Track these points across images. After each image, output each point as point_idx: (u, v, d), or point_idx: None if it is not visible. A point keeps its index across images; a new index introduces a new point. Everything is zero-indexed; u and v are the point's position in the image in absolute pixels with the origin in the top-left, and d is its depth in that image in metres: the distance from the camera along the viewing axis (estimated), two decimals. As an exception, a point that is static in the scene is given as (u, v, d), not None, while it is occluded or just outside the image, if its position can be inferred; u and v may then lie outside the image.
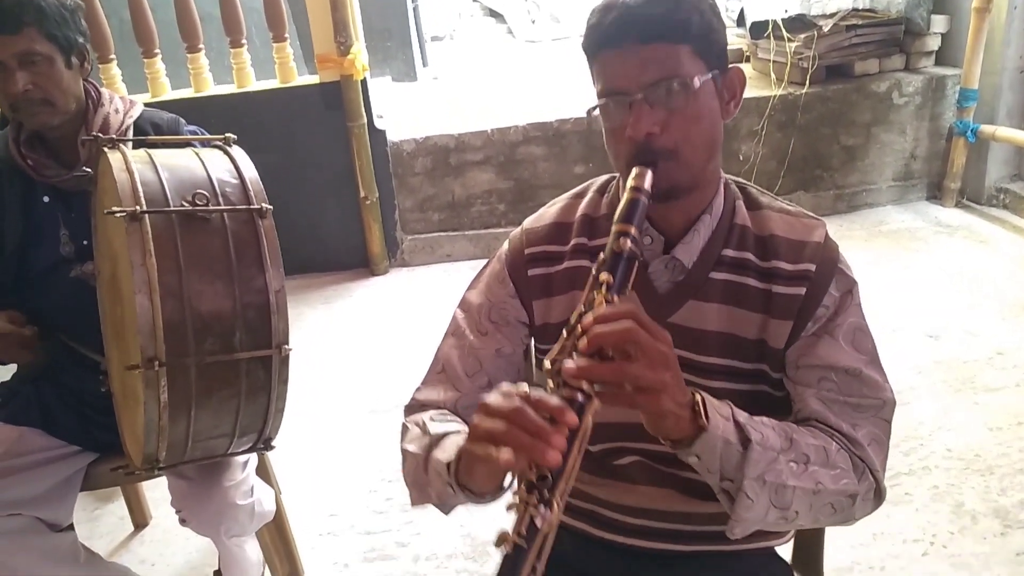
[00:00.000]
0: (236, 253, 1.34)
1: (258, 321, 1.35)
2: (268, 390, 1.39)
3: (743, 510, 0.88)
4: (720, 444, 0.86)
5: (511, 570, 0.72)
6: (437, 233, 4.09)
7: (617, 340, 0.79)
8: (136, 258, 1.24)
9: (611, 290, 0.83)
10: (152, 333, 1.24)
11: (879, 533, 2.04)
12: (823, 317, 0.99)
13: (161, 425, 1.29)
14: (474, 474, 0.83)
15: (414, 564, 2.08)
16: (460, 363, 1.09)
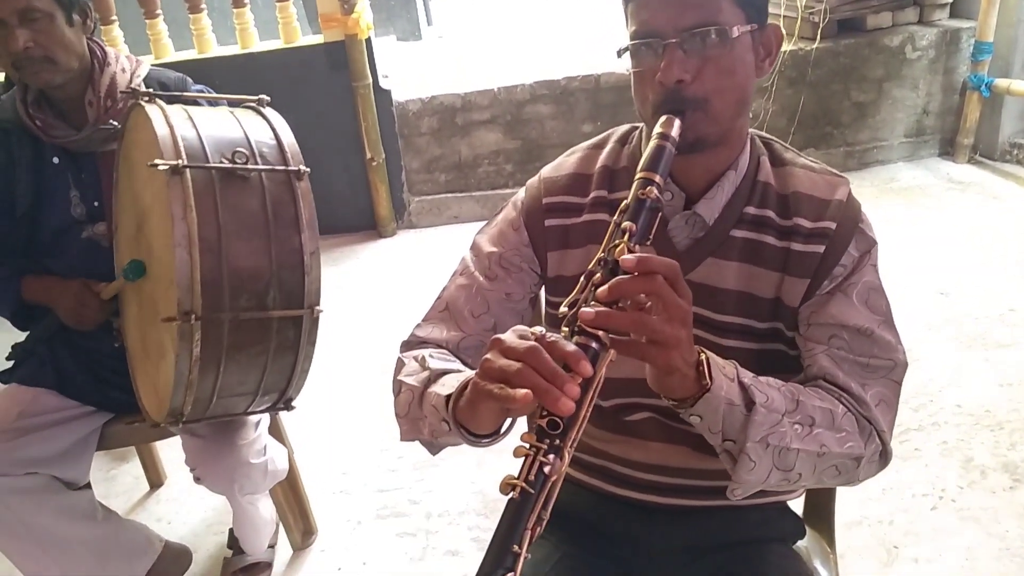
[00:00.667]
0: (273, 213, 1.35)
1: (292, 281, 1.36)
2: (296, 350, 1.41)
3: (745, 472, 0.87)
4: (723, 405, 0.85)
5: (517, 516, 0.70)
6: (444, 194, 4.07)
7: (640, 290, 0.77)
8: (177, 211, 1.25)
9: (633, 238, 0.81)
10: (190, 287, 1.25)
11: (888, 488, 2.05)
12: (839, 276, 0.98)
13: (191, 379, 1.31)
14: (477, 413, 0.81)
15: (426, 520, 2.11)
16: (466, 303, 1.08)
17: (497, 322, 1.08)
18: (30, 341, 1.76)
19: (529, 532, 0.70)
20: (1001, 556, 1.81)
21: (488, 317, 1.08)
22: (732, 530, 1.08)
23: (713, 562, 1.06)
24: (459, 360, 1.04)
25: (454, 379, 0.90)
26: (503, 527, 0.71)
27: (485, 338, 1.07)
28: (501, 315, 1.08)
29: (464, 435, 0.85)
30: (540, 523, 0.71)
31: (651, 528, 1.07)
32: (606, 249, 0.82)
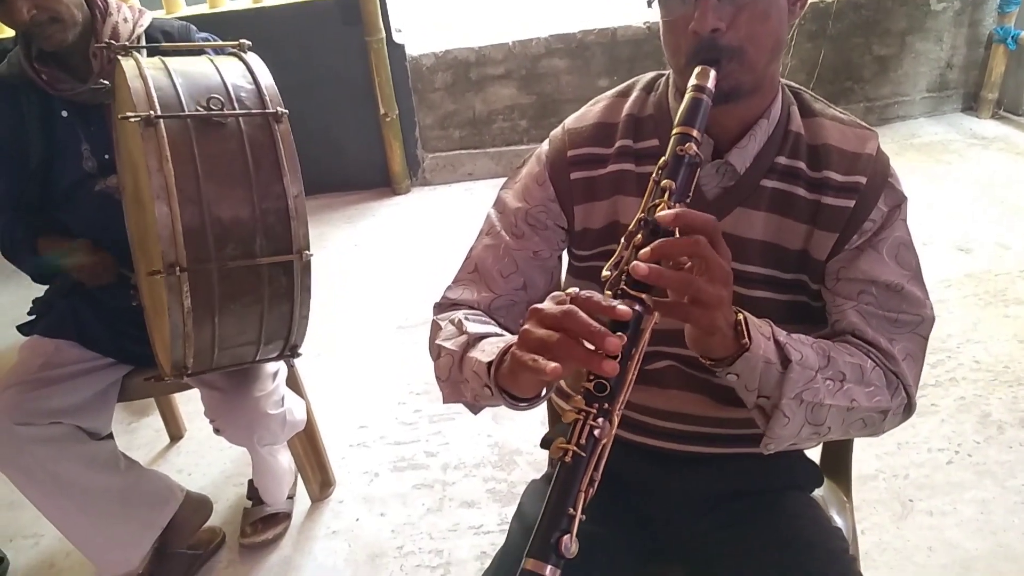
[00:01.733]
0: (253, 158, 1.33)
1: (278, 227, 1.34)
2: (291, 296, 1.40)
3: (779, 427, 0.88)
4: (761, 364, 0.85)
5: (570, 479, 0.71)
6: (458, 151, 4.04)
7: (685, 251, 0.77)
8: (152, 164, 1.24)
9: (673, 197, 0.80)
10: (172, 239, 1.24)
11: (904, 443, 2.05)
12: (869, 231, 0.97)
13: (186, 331, 1.31)
14: (518, 380, 0.82)
15: (443, 473, 2.13)
16: (494, 264, 1.08)
17: (527, 281, 1.08)
18: (49, 295, 1.78)
19: (583, 494, 0.71)
20: (1016, 509, 1.82)
21: (517, 276, 1.07)
22: (751, 478, 1.08)
23: (731, 509, 1.07)
24: (493, 321, 1.04)
25: (493, 344, 0.91)
26: (556, 491, 0.72)
27: (516, 297, 1.08)
28: (530, 273, 1.08)
29: (506, 400, 0.86)
30: (592, 485, 0.72)
31: (670, 476, 1.08)
32: (646, 209, 0.81)
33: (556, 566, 0.69)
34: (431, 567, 1.83)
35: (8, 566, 1.97)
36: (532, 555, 0.70)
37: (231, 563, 1.92)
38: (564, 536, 0.69)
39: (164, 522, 1.77)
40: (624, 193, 1.03)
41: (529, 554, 0.70)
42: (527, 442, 2.18)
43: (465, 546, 1.88)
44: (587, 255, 1.07)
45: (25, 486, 1.59)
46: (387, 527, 1.97)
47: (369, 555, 1.89)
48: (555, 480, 0.73)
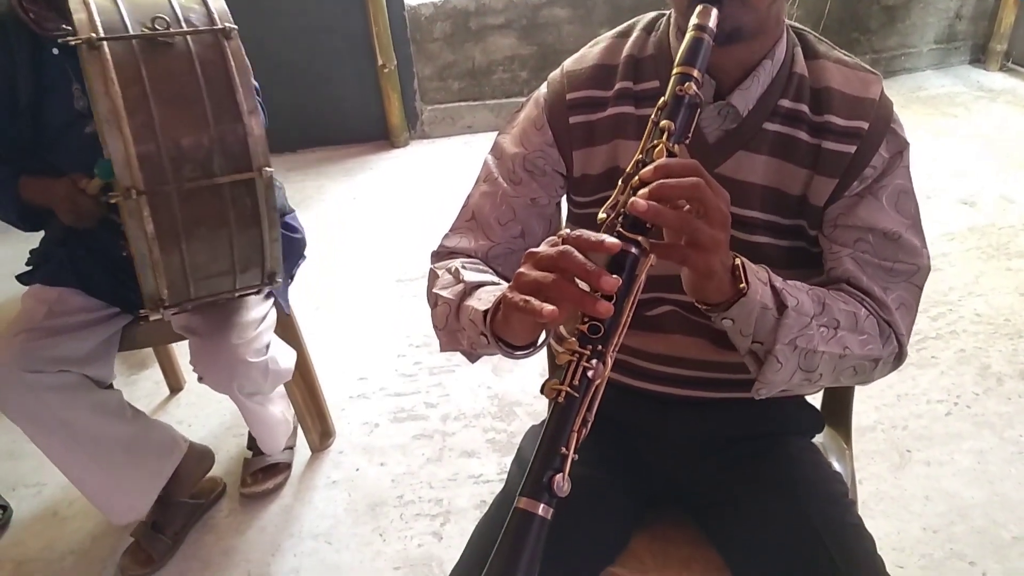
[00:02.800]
0: (205, 77, 1.30)
1: (236, 146, 1.32)
2: (258, 218, 1.38)
3: (771, 373, 0.88)
4: (757, 309, 0.84)
5: (563, 419, 0.71)
6: (457, 103, 3.99)
7: (683, 194, 0.75)
8: (99, 87, 1.21)
9: (672, 138, 0.78)
10: (126, 162, 1.22)
11: (903, 394, 2.05)
12: (869, 177, 0.95)
13: (153, 259, 1.29)
14: (512, 326, 0.81)
15: (442, 423, 2.14)
16: (492, 211, 1.06)
17: (524, 228, 1.06)
18: (45, 244, 1.76)
19: (575, 434, 0.71)
20: (1013, 459, 1.83)
21: (515, 224, 1.06)
22: (751, 423, 1.08)
23: (731, 453, 1.07)
24: (491, 269, 1.03)
25: (489, 293, 0.90)
26: (549, 431, 0.72)
27: (514, 245, 1.06)
28: (528, 221, 1.06)
29: (502, 348, 0.85)
30: (586, 425, 0.72)
31: (669, 420, 1.08)
32: (644, 150, 0.79)
33: (548, 504, 0.69)
34: (431, 516, 1.84)
35: (11, 515, 1.98)
36: (525, 494, 0.70)
37: (232, 512, 1.94)
38: (556, 475, 0.69)
39: (170, 471, 1.78)
40: (624, 137, 1.01)
41: (522, 493, 0.70)
42: (527, 393, 2.18)
43: (465, 495, 1.89)
44: (586, 201, 1.06)
45: (36, 434, 1.59)
46: (387, 477, 1.98)
47: (369, 504, 1.90)
48: (548, 421, 0.72)
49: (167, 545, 1.80)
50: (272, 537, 1.84)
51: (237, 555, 1.80)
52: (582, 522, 1.01)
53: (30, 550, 1.88)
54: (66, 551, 1.87)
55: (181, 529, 1.85)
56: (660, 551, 1.07)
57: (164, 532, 1.81)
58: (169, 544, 1.81)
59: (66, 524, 1.95)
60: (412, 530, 1.81)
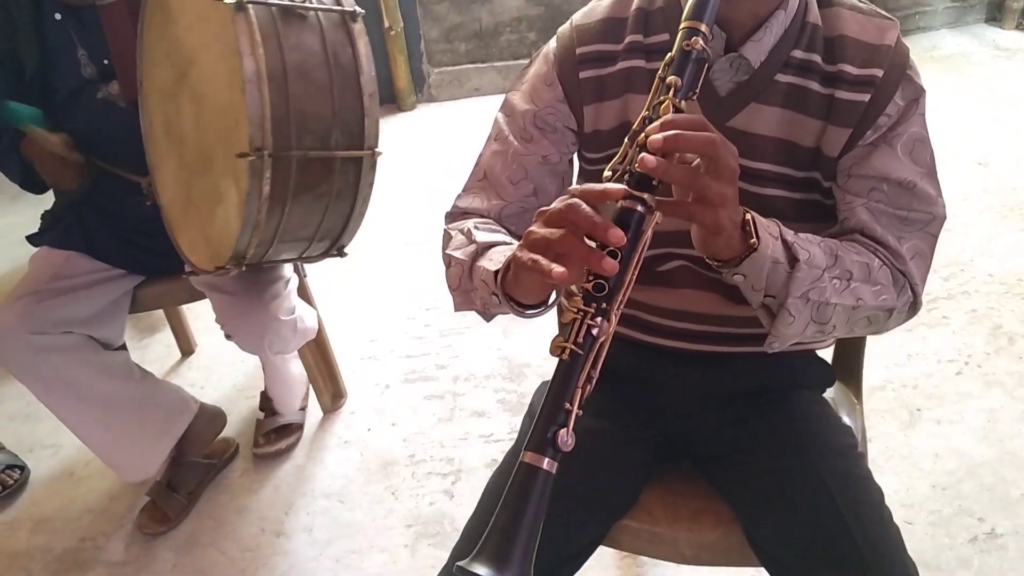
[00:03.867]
0: (332, 54, 1.34)
1: (353, 123, 1.37)
2: (355, 193, 1.44)
3: (783, 326, 0.87)
4: (768, 264, 0.84)
5: (567, 376, 0.72)
6: (465, 65, 3.95)
7: (697, 148, 0.75)
8: (245, 47, 1.24)
9: (678, 94, 0.78)
10: (261, 124, 1.25)
11: (914, 354, 2.05)
12: (884, 126, 0.93)
13: (259, 219, 1.32)
14: (523, 285, 0.82)
15: (453, 384, 2.15)
16: (503, 170, 1.05)
17: (537, 187, 1.05)
18: (58, 207, 1.76)
19: (580, 391, 0.72)
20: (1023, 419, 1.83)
21: (527, 183, 1.05)
22: (761, 376, 1.08)
23: (741, 407, 1.07)
24: (504, 229, 1.02)
25: (501, 253, 0.90)
26: (555, 387, 0.72)
27: (527, 204, 1.06)
28: (540, 179, 1.06)
29: (513, 307, 0.86)
30: (590, 381, 0.73)
31: (680, 374, 1.08)
32: (650, 107, 0.79)
33: (553, 459, 0.70)
34: (442, 474, 1.86)
35: (29, 476, 2.02)
36: (530, 448, 0.70)
37: (245, 472, 1.96)
38: (561, 430, 0.70)
39: (180, 431, 1.80)
40: (635, 91, 1.00)
41: (527, 447, 0.71)
42: (537, 355, 2.19)
43: (476, 454, 1.91)
44: (597, 158, 1.05)
45: (44, 395, 1.61)
46: (398, 436, 2.00)
47: (381, 463, 1.92)
48: (553, 377, 0.73)
49: (182, 504, 1.83)
50: (285, 496, 1.86)
51: (251, 513, 1.83)
52: (593, 476, 1.02)
53: (48, 509, 1.91)
54: (83, 510, 1.90)
55: (195, 488, 1.87)
56: (670, 504, 1.07)
57: (179, 491, 1.84)
58: (184, 503, 1.83)
59: (82, 484, 1.98)
60: (424, 488, 1.83)
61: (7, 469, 1.98)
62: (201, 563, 1.71)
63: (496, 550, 0.67)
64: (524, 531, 0.67)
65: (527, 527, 0.67)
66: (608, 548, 1.09)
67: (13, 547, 1.81)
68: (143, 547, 1.77)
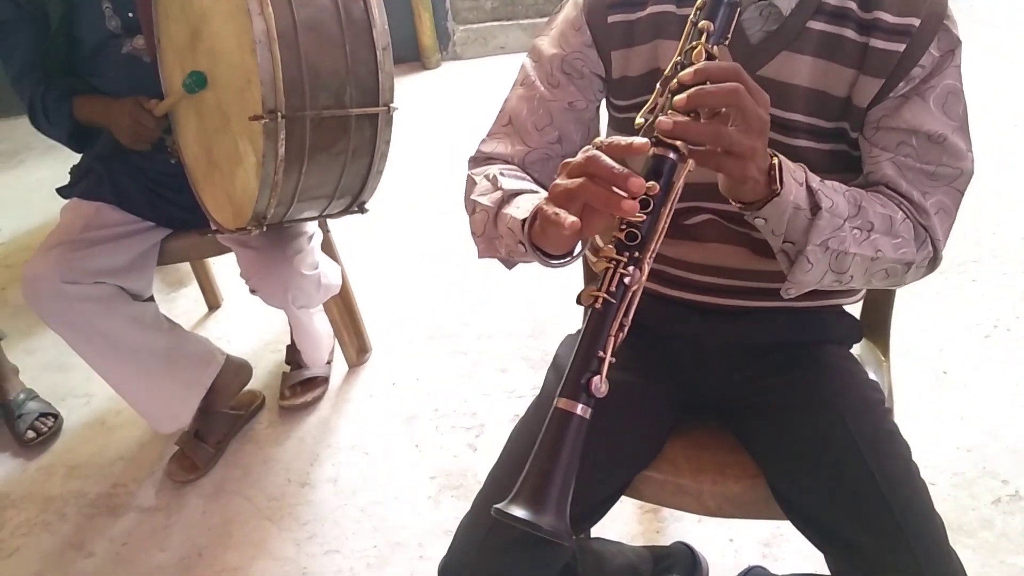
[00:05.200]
0: (344, 9, 1.32)
1: (368, 79, 1.36)
2: (372, 150, 1.43)
3: (801, 272, 0.87)
4: (790, 209, 0.83)
5: (600, 324, 0.72)
6: (490, 23, 3.90)
7: (721, 101, 0.74)
8: (254, 7, 1.22)
9: (711, 39, 0.77)
10: (273, 84, 1.24)
11: (942, 316, 2.03)
12: (917, 77, 0.91)
13: (276, 179, 1.32)
14: (549, 236, 0.81)
15: (477, 341, 2.16)
16: (529, 116, 1.05)
17: (561, 134, 1.05)
18: (86, 160, 1.78)
19: (612, 339, 0.72)
20: (1052, 382, 1.81)
21: (552, 129, 1.05)
22: (788, 330, 1.07)
23: (767, 361, 1.06)
24: (528, 175, 1.02)
25: (528, 200, 0.89)
26: (587, 335, 0.73)
27: (551, 151, 1.05)
28: (565, 126, 1.05)
29: (539, 256, 0.86)
30: (623, 330, 0.73)
31: (707, 328, 1.07)
32: (682, 52, 0.78)
33: (587, 404, 0.71)
34: (466, 428, 1.88)
35: (62, 424, 2.06)
36: (564, 395, 0.71)
37: (271, 423, 1.99)
38: (594, 377, 0.71)
39: (208, 382, 1.82)
40: (665, 37, 0.98)
41: (561, 394, 0.71)
42: (560, 312, 2.19)
43: (499, 409, 1.92)
44: (626, 105, 1.04)
45: (77, 343, 1.64)
46: (422, 391, 2.02)
47: (405, 417, 1.94)
48: (586, 326, 0.73)
49: (210, 453, 1.87)
50: (311, 447, 1.90)
51: (277, 464, 1.86)
52: (618, 426, 1.03)
53: (81, 456, 1.96)
54: (115, 457, 1.94)
55: (223, 438, 1.91)
56: (694, 456, 1.08)
57: (207, 441, 1.87)
58: (212, 452, 1.87)
59: (114, 432, 2.02)
60: (447, 442, 1.85)
61: (41, 417, 2.03)
62: (228, 510, 1.75)
63: (533, 493, 0.68)
64: (559, 475, 0.68)
65: (562, 471, 0.68)
66: (630, 502, 1.10)
67: (49, 491, 1.86)
68: (173, 494, 1.81)
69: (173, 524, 1.73)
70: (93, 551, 1.69)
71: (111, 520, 1.76)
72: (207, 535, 1.70)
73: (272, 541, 1.66)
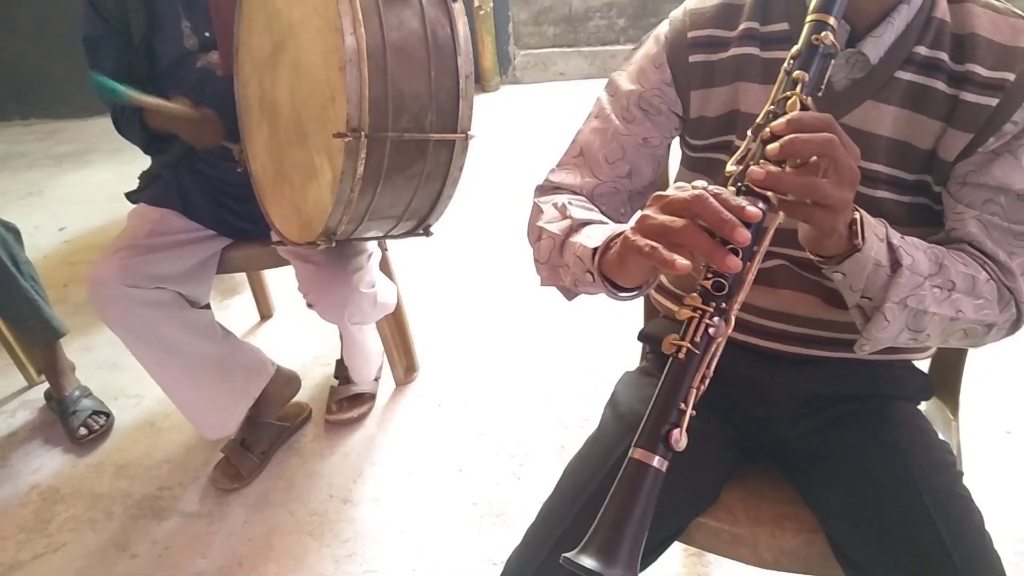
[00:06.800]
0: (431, 34, 1.34)
1: (448, 105, 1.37)
2: (445, 175, 1.44)
3: (877, 330, 0.85)
4: (870, 265, 0.81)
5: (681, 375, 0.71)
6: (551, 49, 3.92)
7: (815, 151, 0.73)
8: (347, 26, 1.24)
9: (805, 89, 0.76)
10: (359, 104, 1.26)
11: (1005, 372, 1.96)
12: (1009, 133, 0.89)
13: (351, 197, 1.33)
14: (626, 268, 0.80)
15: (526, 368, 2.15)
16: (601, 148, 1.04)
17: (632, 168, 1.04)
18: (155, 166, 1.82)
19: (694, 390, 0.71)
20: (1125, 449, 1.73)
21: (623, 163, 1.04)
22: (856, 383, 1.04)
23: (834, 412, 1.03)
24: (596, 208, 1.01)
25: (599, 231, 0.88)
26: (668, 385, 0.71)
27: (620, 185, 1.05)
28: (637, 161, 1.04)
29: (607, 288, 0.84)
30: (704, 382, 0.72)
31: (774, 375, 1.05)
32: (775, 102, 0.77)
33: (664, 457, 0.69)
34: (510, 455, 1.87)
35: (113, 422, 2.10)
36: (641, 445, 0.70)
37: (316, 437, 2.00)
38: (674, 430, 0.69)
39: (257, 392, 1.84)
40: (747, 79, 0.97)
41: (638, 444, 0.70)
42: (614, 346, 2.17)
43: (545, 439, 1.90)
44: (702, 145, 1.03)
45: (134, 346, 1.67)
46: (468, 414, 2.01)
47: (450, 439, 1.93)
48: (666, 374, 0.72)
49: (255, 463, 1.88)
50: (355, 464, 1.90)
51: (320, 479, 1.86)
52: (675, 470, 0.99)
53: (130, 456, 1.99)
54: (162, 460, 1.97)
55: (268, 449, 1.92)
56: (752, 506, 1.05)
57: (252, 450, 1.89)
58: (256, 462, 1.88)
59: (162, 435, 2.05)
60: (491, 468, 1.84)
61: (94, 415, 2.06)
62: (270, 522, 1.76)
63: (604, 545, 0.66)
64: (632, 527, 0.67)
65: (635, 524, 0.67)
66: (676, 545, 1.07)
67: (98, 489, 1.89)
68: (216, 501, 1.83)
69: (215, 532, 1.74)
70: (136, 552, 1.71)
71: (155, 523, 1.78)
72: (248, 545, 1.70)
73: (311, 556, 1.66)
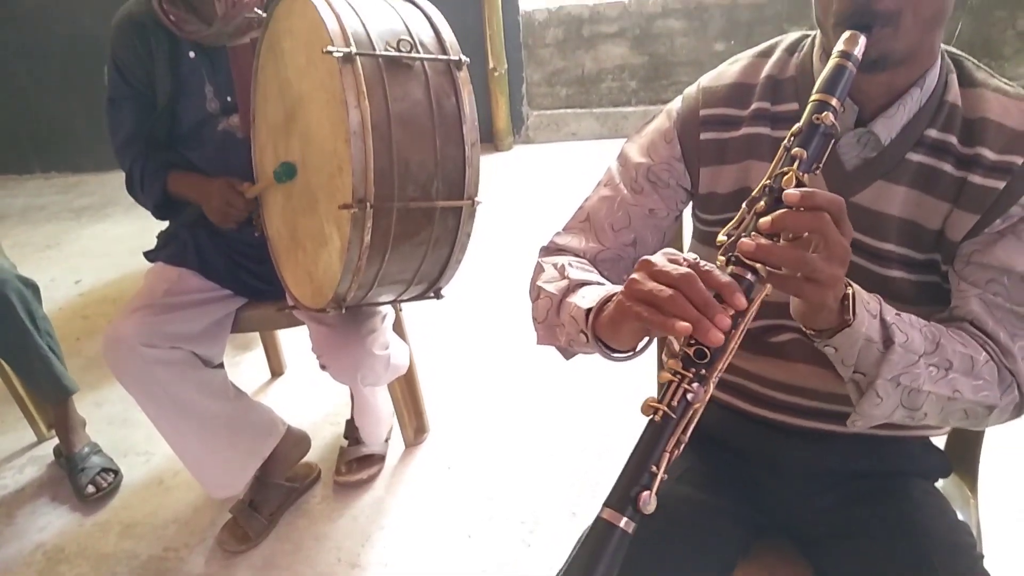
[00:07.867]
0: (436, 103, 1.36)
1: (455, 173, 1.39)
2: (453, 240, 1.46)
3: (869, 406, 0.85)
4: (861, 340, 0.81)
5: (656, 438, 0.71)
6: (564, 109, 3.99)
7: (806, 226, 0.74)
8: (351, 100, 1.27)
9: (802, 166, 0.77)
10: (364, 175, 1.28)
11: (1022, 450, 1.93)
12: (1015, 216, 0.89)
13: (359, 265, 1.35)
14: (619, 330, 0.81)
15: (537, 431, 2.13)
16: (607, 216, 1.06)
17: (637, 237, 1.06)
18: (173, 226, 1.85)
19: (668, 455, 0.71)
20: None
21: (628, 232, 1.05)
22: (872, 459, 1.03)
23: (850, 489, 1.02)
24: (597, 271, 1.02)
25: (594, 292, 0.89)
26: (642, 447, 0.72)
27: (623, 252, 1.06)
28: (642, 231, 1.06)
29: (601, 349, 0.85)
30: (679, 446, 0.72)
31: (785, 449, 1.04)
32: (772, 176, 0.78)
33: (631, 519, 0.69)
34: (520, 521, 1.84)
35: (121, 480, 2.09)
36: (609, 504, 0.70)
37: (325, 499, 1.98)
38: (644, 492, 0.69)
39: (267, 452, 1.84)
40: (757, 158, 0.99)
41: (607, 503, 0.70)
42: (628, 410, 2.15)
43: (555, 504, 1.88)
44: (713, 220, 1.04)
45: (147, 404, 1.67)
46: (478, 477, 1.99)
47: (459, 503, 1.91)
48: (642, 436, 0.72)
49: (263, 524, 1.86)
50: (363, 527, 1.88)
51: (329, 542, 1.84)
52: (687, 546, 0.99)
53: (137, 514, 1.98)
54: (169, 519, 1.95)
55: (276, 510, 1.90)
56: (767, 584, 1.03)
57: (260, 511, 1.87)
58: (264, 524, 1.87)
59: (170, 493, 2.04)
60: (500, 533, 1.81)
61: (102, 472, 2.06)
62: (277, 586, 1.73)
63: None
64: None
65: None
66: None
67: (103, 549, 1.88)
68: (222, 563, 1.81)
69: (220, 595, 1.72)
70: (140, 616, 1.69)
71: (160, 585, 1.76)
72: (253, 610, 1.68)
73: (317, 623, 1.63)
